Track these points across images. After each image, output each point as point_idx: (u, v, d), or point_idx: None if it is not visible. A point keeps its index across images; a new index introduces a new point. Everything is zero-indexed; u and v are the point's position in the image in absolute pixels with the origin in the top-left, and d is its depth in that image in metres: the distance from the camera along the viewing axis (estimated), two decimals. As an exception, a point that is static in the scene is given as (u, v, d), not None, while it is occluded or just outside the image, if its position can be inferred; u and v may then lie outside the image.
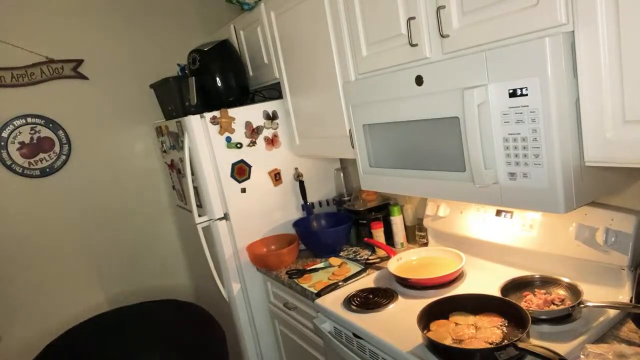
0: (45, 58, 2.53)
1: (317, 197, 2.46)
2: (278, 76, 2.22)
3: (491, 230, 1.67)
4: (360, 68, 1.70)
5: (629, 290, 1.31)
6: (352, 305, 1.61)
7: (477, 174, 1.24)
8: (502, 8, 1.15)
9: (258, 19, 2.22)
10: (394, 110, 1.49)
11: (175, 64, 2.80)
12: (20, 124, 2.48)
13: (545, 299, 1.34)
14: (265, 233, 2.32)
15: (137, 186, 2.85)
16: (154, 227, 2.93)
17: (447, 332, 1.28)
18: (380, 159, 1.65)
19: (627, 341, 1.19)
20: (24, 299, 2.56)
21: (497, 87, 1.15)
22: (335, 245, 2.18)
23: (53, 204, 2.60)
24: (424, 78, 1.35)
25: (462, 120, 1.25)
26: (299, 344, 2.11)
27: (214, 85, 2.27)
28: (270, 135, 2.29)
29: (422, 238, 2.07)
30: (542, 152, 1.10)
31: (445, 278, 1.62)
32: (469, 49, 1.26)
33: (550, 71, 1.03)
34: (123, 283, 2.84)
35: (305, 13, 1.88)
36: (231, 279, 2.27)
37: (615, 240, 1.30)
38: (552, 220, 1.47)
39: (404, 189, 1.57)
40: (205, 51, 2.25)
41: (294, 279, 1.98)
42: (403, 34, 1.45)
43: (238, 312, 2.31)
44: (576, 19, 1.01)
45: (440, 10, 1.30)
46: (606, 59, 0.98)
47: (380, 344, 1.38)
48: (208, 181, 2.18)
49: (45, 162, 2.56)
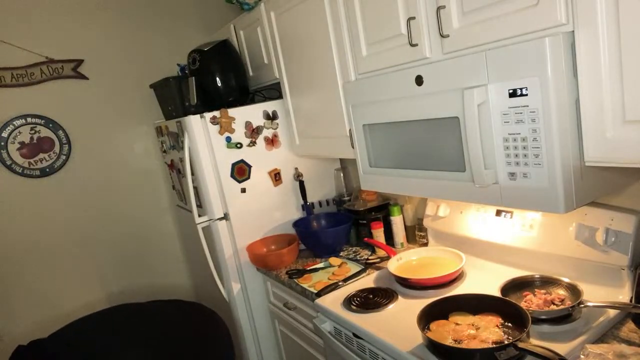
0: (45, 58, 2.53)
1: (317, 197, 2.46)
2: (278, 76, 2.22)
3: (491, 230, 1.67)
4: (360, 68, 1.70)
5: (629, 290, 1.31)
6: (352, 305, 1.61)
7: (477, 174, 1.24)
8: (502, 8, 1.15)
9: (258, 19, 2.22)
10: (394, 110, 1.49)
11: (175, 64, 2.80)
12: (20, 124, 2.48)
13: (545, 299, 1.34)
14: (265, 233, 2.32)
15: (137, 186, 2.85)
16: (154, 227, 2.93)
17: (447, 332, 1.28)
18: (380, 159, 1.65)
19: (627, 341, 1.19)
20: (24, 299, 2.56)
21: (497, 87, 1.15)
22: (335, 245, 2.18)
23: (53, 204, 2.60)
24: (424, 78, 1.35)
25: (462, 120, 1.25)
26: (299, 344, 2.11)
27: (214, 85, 2.27)
28: (270, 135, 2.29)
29: (422, 238, 2.07)
30: (542, 152, 1.10)
31: (445, 278, 1.62)
32: (469, 49, 1.26)
33: (550, 71, 1.03)
34: (123, 283, 2.84)
35: (306, 13, 1.88)
36: (231, 279, 2.27)
37: (615, 240, 1.30)
38: (552, 220, 1.47)
39: (404, 189, 1.57)
40: (205, 51, 2.25)
41: (294, 279, 1.98)
42: (403, 34, 1.45)
43: (238, 312, 2.31)
44: (576, 19, 1.01)
45: (440, 10, 1.30)
46: (606, 58, 0.98)
47: (380, 344, 1.38)
48: (208, 181, 2.18)
49: (45, 162, 2.56)
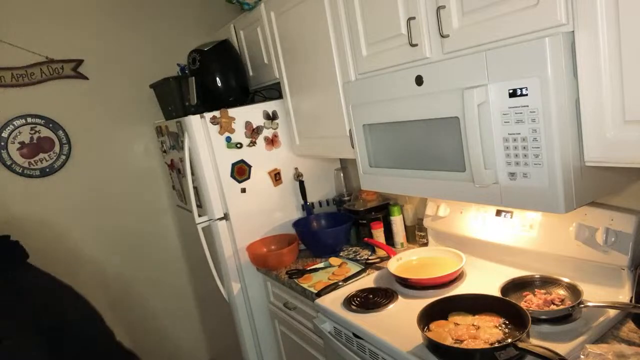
0: (45, 58, 2.53)
1: (317, 197, 2.46)
2: (278, 76, 2.22)
3: (491, 230, 1.67)
4: (360, 68, 1.70)
5: (629, 290, 1.31)
6: (352, 305, 1.61)
7: (477, 174, 1.24)
8: (502, 8, 1.15)
9: (258, 19, 2.22)
10: (394, 110, 1.49)
11: (175, 64, 2.80)
12: (20, 124, 2.48)
13: (545, 299, 1.34)
14: (265, 233, 2.32)
15: (137, 186, 2.85)
16: (154, 227, 2.93)
17: (447, 332, 1.28)
18: (380, 159, 1.65)
19: (627, 341, 1.19)
20: (24, 299, 2.56)
21: (497, 87, 1.15)
22: (335, 245, 2.18)
23: (53, 204, 2.60)
24: (424, 78, 1.35)
25: (462, 120, 1.25)
26: (299, 344, 2.11)
27: (214, 85, 2.27)
28: (270, 135, 2.29)
29: (422, 238, 2.07)
30: (542, 152, 1.10)
31: (445, 278, 1.62)
32: (469, 49, 1.26)
33: (550, 71, 1.03)
34: (122, 282, 2.84)
35: (306, 13, 1.88)
36: (231, 279, 2.27)
37: (615, 240, 1.30)
38: (552, 220, 1.47)
39: (404, 189, 1.57)
40: (205, 51, 2.25)
41: (294, 279, 1.98)
42: (403, 34, 1.45)
43: (238, 312, 2.31)
44: (576, 19, 1.01)
45: (440, 10, 1.30)
46: (606, 59, 0.98)
47: (380, 344, 1.38)
48: (208, 181, 2.18)
49: (45, 162, 2.56)
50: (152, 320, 2.95)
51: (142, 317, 2.92)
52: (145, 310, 2.93)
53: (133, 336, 2.89)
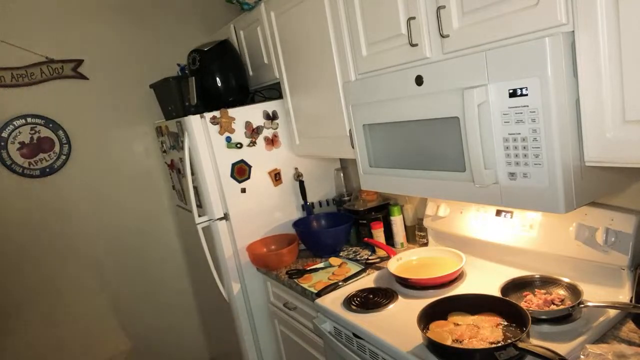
0: (45, 58, 2.53)
1: (317, 197, 2.46)
2: (278, 76, 2.22)
3: (491, 230, 1.67)
4: (360, 68, 1.70)
5: (629, 290, 1.31)
6: (352, 305, 1.61)
7: (477, 174, 1.24)
8: (502, 8, 1.15)
9: (258, 19, 2.22)
10: (394, 110, 1.49)
11: (175, 64, 2.80)
12: (20, 124, 2.48)
13: (545, 299, 1.34)
14: (265, 233, 2.32)
15: (137, 186, 2.85)
16: (154, 227, 2.93)
17: (447, 332, 1.28)
18: (380, 159, 1.65)
19: (627, 341, 1.19)
20: (23, 298, 2.56)
21: (497, 87, 1.15)
22: (335, 245, 2.18)
23: (53, 204, 2.60)
24: (424, 78, 1.35)
25: (462, 120, 1.25)
26: (299, 344, 2.11)
27: (214, 85, 2.27)
28: (270, 135, 2.29)
29: (422, 238, 2.07)
30: (542, 152, 1.10)
31: (445, 278, 1.62)
32: (469, 49, 1.26)
33: (550, 71, 1.03)
34: (122, 283, 2.84)
35: (306, 13, 1.88)
36: (231, 279, 2.27)
37: (615, 240, 1.30)
38: (552, 220, 1.47)
39: (404, 189, 1.57)
40: (205, 51, 2.25)
41: (294, 279, 1.98)
42: (403, 34, 1.45)
43: (238, 312, 2.31)
44: (576, 19, 1.01)
45: (440, 10, 1.30)
46: (606, 58, 0.98)
47: (380, 344, 1.38)
48: (208, 181, 2.18)
49: (45, 162, 2.56)
50: (152, 320, 2.95)
51: (142, 317, 2.92)
52: (145, 310, 2.93)
53: (133, 336, 2.89)
